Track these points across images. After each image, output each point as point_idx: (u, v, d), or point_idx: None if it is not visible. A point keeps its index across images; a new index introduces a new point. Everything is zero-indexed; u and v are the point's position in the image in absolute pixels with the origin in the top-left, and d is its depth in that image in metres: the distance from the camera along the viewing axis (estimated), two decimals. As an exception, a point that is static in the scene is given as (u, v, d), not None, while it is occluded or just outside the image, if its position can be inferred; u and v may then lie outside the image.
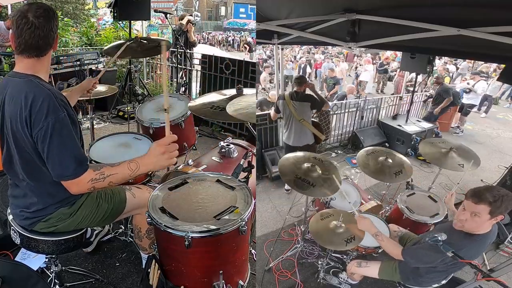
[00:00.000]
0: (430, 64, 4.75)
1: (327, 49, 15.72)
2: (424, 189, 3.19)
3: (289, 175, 2.34)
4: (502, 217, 1.75)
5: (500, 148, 6.44)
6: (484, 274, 1.66)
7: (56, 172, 1.49)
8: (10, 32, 1.69)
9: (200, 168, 2.31)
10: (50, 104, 1.44)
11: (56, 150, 1.46)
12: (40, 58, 1.54)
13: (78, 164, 1.50)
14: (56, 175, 1.50)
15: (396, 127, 5.79)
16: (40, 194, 1.64)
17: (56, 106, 1.45)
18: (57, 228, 1.72)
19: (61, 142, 1.46)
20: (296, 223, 3.57)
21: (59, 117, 1.45)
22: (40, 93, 1.46)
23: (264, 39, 4.21)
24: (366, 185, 4.38)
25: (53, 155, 1.46)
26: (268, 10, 3.06)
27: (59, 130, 1.45)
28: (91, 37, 7.97)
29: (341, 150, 5.83)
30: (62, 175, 1.50)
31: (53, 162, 1.48)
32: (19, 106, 1.45)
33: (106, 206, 1.83)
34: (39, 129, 1.43)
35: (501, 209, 1.69)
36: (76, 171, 1.49)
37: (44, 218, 1.68)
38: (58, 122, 1.44)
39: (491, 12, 1.93)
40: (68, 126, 1.48)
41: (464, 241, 1.79)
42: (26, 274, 1.70)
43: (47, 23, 1.49)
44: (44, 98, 1.45)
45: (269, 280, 2.87)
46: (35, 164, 1.54)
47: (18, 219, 1.72)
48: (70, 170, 1.48)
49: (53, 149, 1.45)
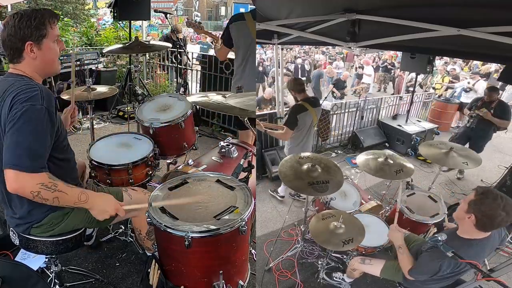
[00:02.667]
0: (430, 64, 4.75)
1: (327, 49, 15.73)
2: (424, 189, 3.19)
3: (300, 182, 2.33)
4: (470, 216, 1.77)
5: (500, 148, 6.44)
6: (484, 274, 1.67)
7: (6, 159, 1.40)
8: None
9: (200, 168, 2.31)
10: (33, 94, 1.44)
11: (16, 134, 1.40)
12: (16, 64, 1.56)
13: (32, 160, 1.41)
14: (5, 161, 1.41)
15: (396, 127, 5.79)
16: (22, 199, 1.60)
17: (37, 97, 1.44)
18: (54, 231, 1.72)
19: (25, 130, 1.40)
20: (296, 223, 3.58)
21: (36, 107, 1.42)
22: (28, 85, 1.48)
23: (264, 39, 4.21)
24: (366, 185, 4.39)
25: (12, 140, 1.40)
26: (268, 10, 3.06)
27: (28, 118, 1.41)
28: (91, 37, 7.97)
29: (341, 150, 5.83)
30: (9, 163, 1.39)
31: (9, 147, 1.41)
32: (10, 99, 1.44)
33: None
34: (13, 112, 1.41)
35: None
36: (24, 164, 1.39)
37: (36, 225, 1.68)
38: (32, 111, 1.41)
39: (491, 12, 1.94)
40: (41, 120, 1.43)
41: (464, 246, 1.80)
42: (26, 274, 1.70)
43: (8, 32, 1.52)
44: (30, 88, 1.46)
45: (269, 280, 2.87)
46: None
47: (12, 225, 1.73)
48: (19, 161, 1.39)
49: (15, 132, 1.40)
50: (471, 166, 2.75)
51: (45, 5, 13.97)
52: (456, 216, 1.89)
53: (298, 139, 3.59)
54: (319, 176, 2.36)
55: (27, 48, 1.52)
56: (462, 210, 1.80)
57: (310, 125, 3.56)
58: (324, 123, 5.43)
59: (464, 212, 1.79)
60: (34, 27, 1.52)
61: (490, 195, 1.71)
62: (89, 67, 5.89)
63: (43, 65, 1.61)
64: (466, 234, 1.85)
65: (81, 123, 5.17)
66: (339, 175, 2.43)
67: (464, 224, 1.83)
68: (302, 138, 3.58)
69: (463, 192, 4.40)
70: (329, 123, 5.50)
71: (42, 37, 1.55)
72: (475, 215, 1.73)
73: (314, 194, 2.43)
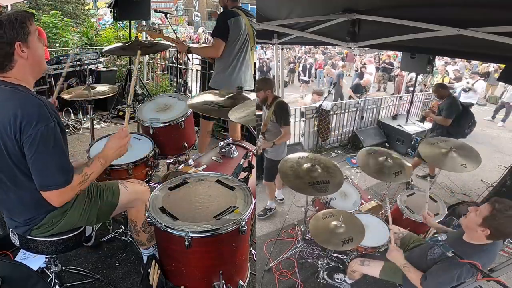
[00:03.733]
0: (430, 64, 4.76)
1: (327, 49, 15.73)
2: (424, 189, 3.19)
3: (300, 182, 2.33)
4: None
5: (500, 148, 6.44)
6: (484, 274, 1.66)
7: (40, 182, 1.49)
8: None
9: (200, 168, 2.31)
10: (41, 112, 1.44)
11: (42, 159, 1.45)
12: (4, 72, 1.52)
13: (64, 174, 1.51)
14: (40, 185, 1.49)
15: (396, 127, 5.79)
16: (26, 203, 1.62)
17: (46, 114, 1.45)
18: (53, 230, 1.72)
19: (48, 152, 1.45)
20: (296, 223, 3.57)
21: (49, 125, 1.45)
22: (31, 101, 1.47)
23: (264, 39, 4.21)
24: (366, 185, 4.38)
25: (38, 164, 1.46)
26: (268, 10, 3.06)
27: (47, 139, 1.44)
28: (91, 37, 7.97)
29: (341, 150, 5.83)
30: (46, 185, 1.49)
31: (38, 171, 1.47)
32: (12, 113, 1.43)
33: (100, 201, 1.84)
34: (28, 136, 1.42)
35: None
36: (60, 181, 1.49)
37: (36, 226, 1.68)
38: (48, 130, 1.44)
39: (491, 12, 1.94)
40: (57, 134, 1.48)
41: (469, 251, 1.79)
42: (26, 274, 1.70)
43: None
44: (35, 105, 1.45)
45: (269, 280, 2.87)
46: (19, 174, 1.52)
47: (12, 227, 1.73)
48: (55, 180, 1.49)
49: (40, 158, 1.45)
50: (469, 168, 2.71)
51: (45, 5, 13.97)
52: (466, 226, 1.86)
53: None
54: (319, 176, 2.36)
55: (17, 49, 1.50)
56: (475, 223, 1.77)
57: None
58: (324, 123, 5.43)
59: (477, 225, 1.76)
60: (18, 27, 1.49)
61: (506, 211, 1.69)
62: (89, 67, 5.89)
63: (35, 64, 1.58)
64: (474, 241, 1.84)
65: (81, 123, 5.17)
66: (339, 175, 2.43)
67: (474, 234, 1.81)
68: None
69: (463, 192, 4.39)
70: (329, 123, 5.50)
71: (27, 35, 1.52)
72: (490, 230, 1.71)
73: (314, 194, 2.44)
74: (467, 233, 1.88)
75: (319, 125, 5.43)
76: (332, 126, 5.66)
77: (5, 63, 1.51)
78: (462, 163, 2.75)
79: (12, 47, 1.49)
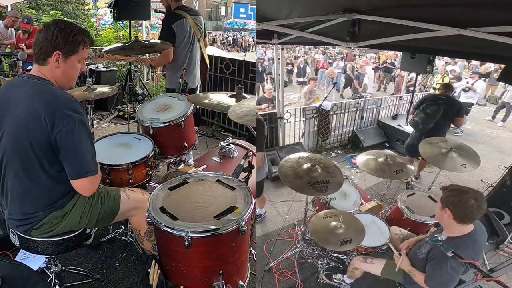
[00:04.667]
0: (430, 64, 4.76)
1: (327, 49, 15.74)
2: (424, 189, 3.19)
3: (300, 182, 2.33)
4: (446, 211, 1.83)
5: (500, 148, 6.44)
6: (484, 274, 1.66)
7: (78, 169, 1.58)
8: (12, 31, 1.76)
9: (200, 168, 2.31)
10: (75, 104, 1.57)
11: (80, 147, 1.56)
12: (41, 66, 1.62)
13: (96, 163, 1.64)
14: (78, 171, 1.58)
15: (396, 127, 5.79)
16: (29, 197, 1.64)
17: (79, 107, 1.58)
18: (53, 232, 1.72)
19: (84, 140, 1.57)
20: (296, 223, 3.57)
21: (83, 117, 1.57)
22: (63, 94, 1.59)
23: (264, 39, 4.22)
24: (366, 185, 4.39)
25: (77, 152, 1.56)
26: (268, 10, 3.06)
27: (83, 128, 1.55)
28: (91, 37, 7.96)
29: (341, 150, 5.83)
30: (85, 171, 1.59)
31: (77, 159, 1.57)
32: (43, 105, 1.51)
33: (100, 206, 1.84)
34: (63, 127, 1.50)
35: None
36: (95, 168, 1.62)
37: (36, 225, 1.68)
38: (82, 121, 1.56)
39: (491, 12, 1.94)
40: (88, 126, 1.61)
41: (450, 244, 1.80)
42: (26, 274, 1.70)
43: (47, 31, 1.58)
44: (70, 99, 1.58)
45: (269, 280, 2.87)
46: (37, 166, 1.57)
47: (12, 226, 1.74)
48: (93, 166, 1.61)
49: (78, 146, 1.55)
50: (469, 168, 2.72)
51: (45, 5, 13.98)
52: (437, 218, 1.97)
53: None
54: (319, 176, 2.36)
55: (54, 56, 1.59)
56: (438, 209, 1.89)
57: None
58: (324, 123, 5.43)
59: (440, 210, 1.87)
60: (69, 41, 1.60)
61: (455, 187, 1.86)
62: (89, 67, 5.88)
63: (62, 78, 1.67)
64: (451, 232, 1.88)
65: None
66: (339, 175, 2.43)
67: (445, 223, 1.90)
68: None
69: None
70: (329, 123, 5.50)
71: (72, 53, 1.63)
72: (449, 208, 1.81)
73: (314, 194, 2.43)
74: (444, 227, 1.96)
75: (319, 125, 5.43)
76: (332, 126, 5.65)
77: (40, 58, 1.61)
78: (462, 163, 2.76)
79: (52, 52, 1.59)
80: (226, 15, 38.84)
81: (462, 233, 1.86)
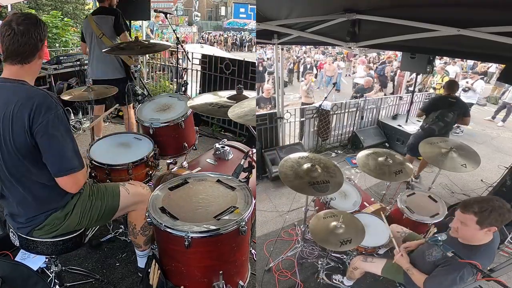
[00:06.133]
0: (430, 64, 4.74)
1: (327, 49, 15.74)
2: (424, 189, 3.19)
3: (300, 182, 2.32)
4: (495, 229, 1.76)
5: (500, 148, 6.44)
6: (484, 274, 1.67)
7: (58, 166, 1.53)
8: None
9: (194, 171, 2.31)
10: (47, 101, 1.49)
11: (58, 143, 1.50)
12: (24, 65, 1.55)
13: (78, 157, 1.58)
14: (58, 169, 1.53)
15: (396, 127, 5.79)
16: (28, 202, 1.63)
17: (53, 103, 1.50)
18: (56, 233, 1.72)
19: (62, 136, 1.51)
20: (296, 223, 3.57)
21: (58, 112, 1.50)
22: (37, 92, 1.52)
23: (264, 39, 4.21)
24: (366, 185, 4.39)
25: (54, 149, 1.50)
26: (268, 10, 3.06)
27: (59, 124, 1.50)
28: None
29: (341, 150, 5.83)
30: (66, 168, 1.54)
31: (55, 156, 1.51)
32: (19, 105, 1.46)
33: (100, 203, 1.84)
34: (39, 124, 1.46)
35: (489, 220, 1.70)
36: (77, 164, 1.56)
37: (38, 227, 1.68)
38: (57, 117, 1.49)
39: (491, 12, 1.94)
40: (66, 121, 1.54)
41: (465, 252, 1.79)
42: (26, 274, 1.70)
43: (27, 30, 1.50)
44: (42, 95, 1.50)
45: (269, 280, 2.87)
46: (30, 167, 1.54)
47: (14, 228, 1.73)
48: (75, 162, 1.55)
49: (55, 142, 1.50)
50: (469, 168, 2.72)
51: (45, 5, 13.98)
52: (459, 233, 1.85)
53: (89, 49, 3.97)
54: (319, 176, 2.36)
55: (41, 48, 1.57)
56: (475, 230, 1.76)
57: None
58: (324, 123, 5.43)
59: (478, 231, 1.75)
60: (44, 29, 1.58)
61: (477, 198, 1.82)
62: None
63: (37, 71, 1.65)
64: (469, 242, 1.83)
65: (81, 123, 5.17)
66: (339, 175, 2.43)
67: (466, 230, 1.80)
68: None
69: (463, 192, 4.39)
70: (329, 123, 5.50)
71: (45, 37, 1.61)
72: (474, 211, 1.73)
73: (314, 194, 2.43)
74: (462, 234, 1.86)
75: (319, 125, 5.43)
76: (332, 126, 5.65)
77: (29, 56, 1.55)
78: (462, 163, 2.76)
79: (42, 45, 1.57)
80: (226, 15, 38.83)
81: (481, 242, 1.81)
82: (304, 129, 5.60)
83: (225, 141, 2.65)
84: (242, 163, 1.95)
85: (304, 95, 7.43)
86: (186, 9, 33.68)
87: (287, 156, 2.59)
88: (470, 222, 1.74)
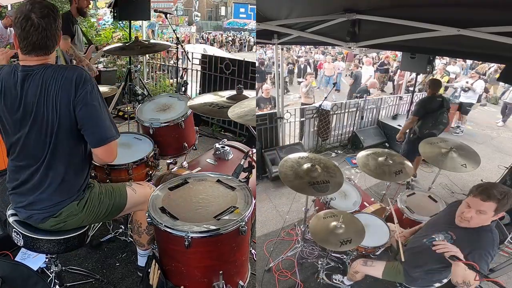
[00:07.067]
0: (430, 64, 4.75)
1: (327, 49, 15.75)
2: (424, 189, 3.19)
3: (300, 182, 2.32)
4: (503, 214, 1.74)
5: (500, 148, 6.44)
6: (481, 275, 1.66)
7: (99, 136, 1.56)
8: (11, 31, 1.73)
9: (194, 171, 2.31)
10: (84, 74, 1.54)
11: (97, 113, 1.54)
12: (49, 54, 1.59)
13: (114, 125, 1.62)
14: (99, 139, 1.57)
15: (396, 127, 5.79)
16: (55, 185, 1.61)
17: (88, 75, 1.55)
18: (66, 224, 1.69)
19: (99, 105, 1.55)
20: (296, 223, 3.57)
21: (93, 83, 1.56)
22: (70, 67, 1.56)
23: (264, 39, 4.21)
24: (366, 185, 4.39)
25: (94, 119, 1.54)
26: (268, 10, 3.06)
27: (96, 94, 1.55)
28: (91, 37, 7.96)
29: (341, 150, 5.83)
30: (106, 137, 1.57)
31: (96, 126, 1.55)
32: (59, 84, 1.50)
33: (108, 202, 1.83)
34: (79, 95, 1.50)
35: (506, 206, 1.69)
36: (115, 132, 1.60)
37: (56, 214, 1.65)
38: (94, 88, 1.55)
39: (491, 12, 1.94)
40: (100, 92, 1.59)
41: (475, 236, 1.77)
42: (26, 274, 1.70)
43: (53, 23, 1.53)
44: (77, 69, 1.56)
45: (269, 280, 2.87)
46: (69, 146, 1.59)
47: (23, 216, 1.67)
48: (113, 131, 1.59)
49: (95, 112, 1.54)
50: (469, 168, 2.72)
51: (45, 5, 13.96)
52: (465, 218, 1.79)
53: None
54: (319, 176, 2.36)
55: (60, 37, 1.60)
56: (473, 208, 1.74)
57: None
58: (324, 123, 5.43)
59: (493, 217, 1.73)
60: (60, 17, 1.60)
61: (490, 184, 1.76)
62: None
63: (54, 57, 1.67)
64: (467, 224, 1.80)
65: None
66: (339, 175, 2.43)
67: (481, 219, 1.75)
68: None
69: (463, 192, 4.39)
70: (329, 123, 5.50)
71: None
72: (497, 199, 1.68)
73: (314, 194, 2.43)
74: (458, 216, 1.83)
75: (319, 125, 5.43)
76: (332, 126, 5.66)
77: (54, 48, 1.59)
78: (462, 163, 2.76)
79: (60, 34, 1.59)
80: (226, 15, 38.85)
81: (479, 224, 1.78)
82: (304, 129, 5.60)
83: (225, 141, 2.65)
84: (242, 163, 1.95)
85: (304, 96, 7.44)
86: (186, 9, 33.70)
87: (287, 156, 2.59)
88: (490, 209, 1.69)
